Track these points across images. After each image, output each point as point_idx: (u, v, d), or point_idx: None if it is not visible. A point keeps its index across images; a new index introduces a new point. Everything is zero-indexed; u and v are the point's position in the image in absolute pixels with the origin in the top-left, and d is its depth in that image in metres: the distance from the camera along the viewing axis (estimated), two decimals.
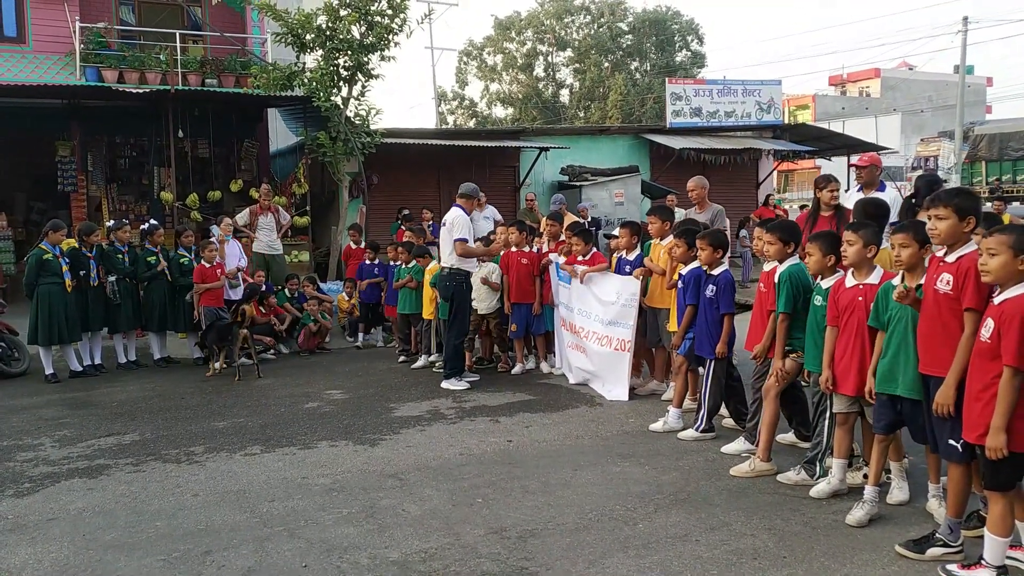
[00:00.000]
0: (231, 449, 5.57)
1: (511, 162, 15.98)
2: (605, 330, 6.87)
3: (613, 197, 15.11)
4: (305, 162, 13.07)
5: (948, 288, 3.49)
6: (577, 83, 42.37)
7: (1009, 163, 26.04)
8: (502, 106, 43.93)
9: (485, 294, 7.97)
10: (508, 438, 5.66)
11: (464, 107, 44.38)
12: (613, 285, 6.85)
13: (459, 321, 7.36)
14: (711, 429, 5.51)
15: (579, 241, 7.27)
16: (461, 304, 7.35)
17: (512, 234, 7.98)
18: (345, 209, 12.92)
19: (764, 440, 4.74)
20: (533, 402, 6.75)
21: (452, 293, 7.35)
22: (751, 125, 18.28)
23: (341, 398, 7.15)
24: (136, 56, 13.16)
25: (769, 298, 4.82)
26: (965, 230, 3.48)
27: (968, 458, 3.43)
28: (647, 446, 5.39)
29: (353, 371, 8.44)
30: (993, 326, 3.21)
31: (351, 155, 12.47)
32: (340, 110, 12.32)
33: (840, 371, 4.18)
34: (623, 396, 6.65)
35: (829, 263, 4.41)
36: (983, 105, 46.49)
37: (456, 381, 7.25)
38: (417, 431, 5.91)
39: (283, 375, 8.34)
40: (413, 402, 6.84)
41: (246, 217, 10.85)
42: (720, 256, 5.50)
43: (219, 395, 7.41)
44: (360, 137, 12.48)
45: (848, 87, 52.29)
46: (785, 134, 18.70)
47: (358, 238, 11.16)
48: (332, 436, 5.83)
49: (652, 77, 39.49)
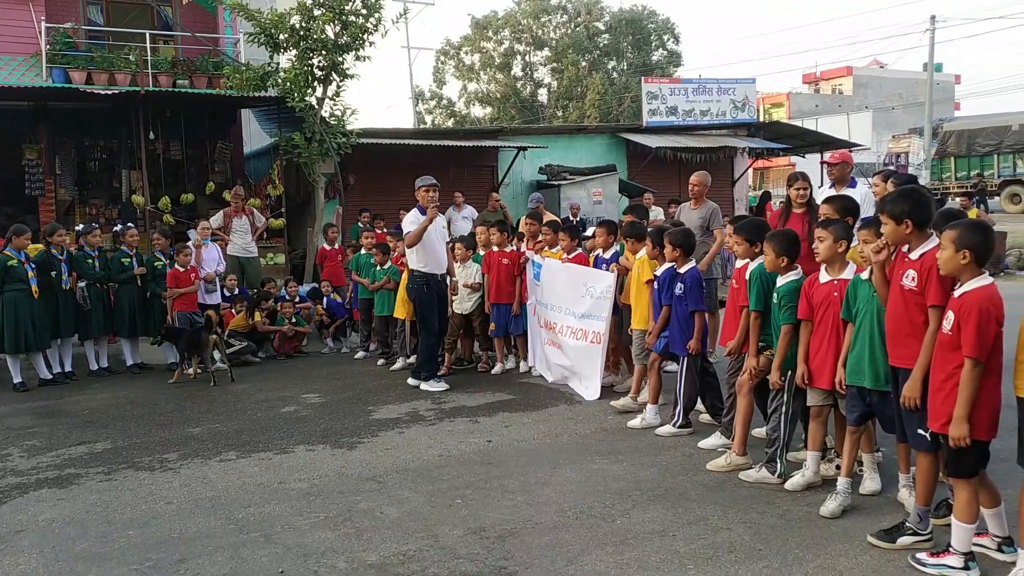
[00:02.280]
0: (206, 455, 5.54)
1: (489, 162, 15.99)
2: (579, 323, 6.91)
3: (591, 196, 15.18)
4: (280, 163, 12.99)
5: (913, 284, 3.58)
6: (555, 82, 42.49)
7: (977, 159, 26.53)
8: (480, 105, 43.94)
9: (465, 294, 7.99)
10: (487, 438, 5.68)
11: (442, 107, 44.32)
12: (588, 278, 6.90)
13: (424, 326, 7.32)
14: (688, 425, 5.57)
15: (566, 237, 7.30)
16: (422, 308, 7.31)
17: (493, 234, 7.99)
18: (321, 211, 12.85)
19: (739, 434, 4.80)
20: (512, 402, 6.77)
21: (414, 297, 7.38)
22: (726, 123, 18.44)
23: (318, 402, 7.13)
24: (105, 57, 12.99)
25: (741, 294, 4.89)
26: (906, 232, 3.59)
27: (935, 447, 3.51)
28: (626, 443, 5.44)
29: (330, 374, 8.41)
30: (953, 318, 3.30)
31: (326, 156, 12.42)
32: (315, 110, 12.26)
33: (816, 365, 4.25)
34: (595, 393, 6.68)
35: (782, 264, 4.49)
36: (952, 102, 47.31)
37: (434, 383, 7.24)
38: (396, 433, 5.91)
39: (259, 379, 8.29)
40: (392, 404, 6.84)
41: (220, 220, 10.78)
42: (680, 254, 5.56)
43: (193, 401, 7.36)
44: (336, 137, 12.43)
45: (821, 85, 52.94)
46: (760, 132, 18.88)
47: (334, 238, 11.10)
48: (309, 440, 5.82)
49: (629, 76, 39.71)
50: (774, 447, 4.54)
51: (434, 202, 7.29)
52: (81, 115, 13.28)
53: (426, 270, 7.27)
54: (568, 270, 7.10)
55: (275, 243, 12.94)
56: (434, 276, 7.31)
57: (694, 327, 5.49)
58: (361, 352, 9.28)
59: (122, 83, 12.64)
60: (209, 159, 14.66)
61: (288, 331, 9.57)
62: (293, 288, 10.24)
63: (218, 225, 10.69)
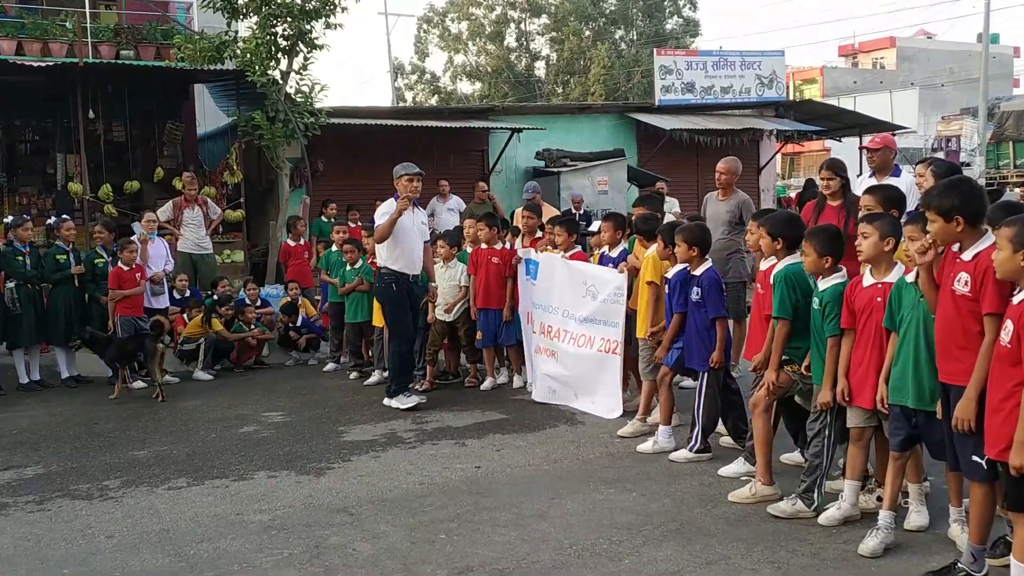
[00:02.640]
0: (153, 482, 5.51)
1: (479, 145, 15.98)
2: (581, 328, 6.90)
3: (596, 185, 15.18)
4: (238, 146, 12.95)
5: (966, 289, 3.57)
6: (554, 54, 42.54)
7: None
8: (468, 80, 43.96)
9: (451, 297, 7.96)
10: (476, 464, 5.67)
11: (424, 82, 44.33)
12: (591, 277, 6.89)
13: (395, 329, 7.28)
14: (707, 449, 5.56)
15: (562, 231, 7.29)
16: (393, 310, 7.26)
17: (481, 230, 7.97)
18: (286, 201, 12.82)
19: (761, 461, 4.80)
20: (505, 421, 6.76)
21: (382, 295, 7.35)
22: (751, 102, 18.48)
23: (282, 421, 7.10)
24: (38, 24, 12.93)
25: (767, 300, 4.89)
26: (957, 230, 3.59)
27: (992, 477, 3.50)
28: (635, 470, 5.43)
29: (296, 389, 8.39)
30: (1012, 329, 3.29)
31: (292, 138, 12.39)
32: (279, 86, 12.23)
33: (856, 381, 4.24)
34: (615, 411, 6.65)
35: (825, 264, 4.47)
36: (1010, 79, 47.51)
37: (403, 397, 7.17)
38: (370, 458, 5.89)
39: (213, 395, 8.26)
40: (366, 424, 6.81)
41: (169, 211, 10.72)
42: (696, 254, 5.55)
43: (138, 419, 7.32)
44: (302, 117, 12.39)
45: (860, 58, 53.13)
46: (789, 112, 18.93)
47: (300, 233, 11.06)
48: (271, 465, 5.79)
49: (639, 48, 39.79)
50: (814, 475, 4.51)
51: (416, 193, 7.24)
52: (10, 90, 13.21)
53: (395, 268, 7.18)
54: (569, 267, 7.10)
55: (232, 238, 12.90)
56: (404, 276, 7.22)
57: (716, 337, 5.48)
58: (331, 364, 9.26)
59: (57, 54, 12.58)
60: (157, 141, 14.62)
61: (252, 339, 9.53)
62: (253, 291, 10.21)
63: (167, 218, 10.64)
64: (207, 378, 9.02)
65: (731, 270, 7.32)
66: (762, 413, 4.77)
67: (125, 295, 8.62)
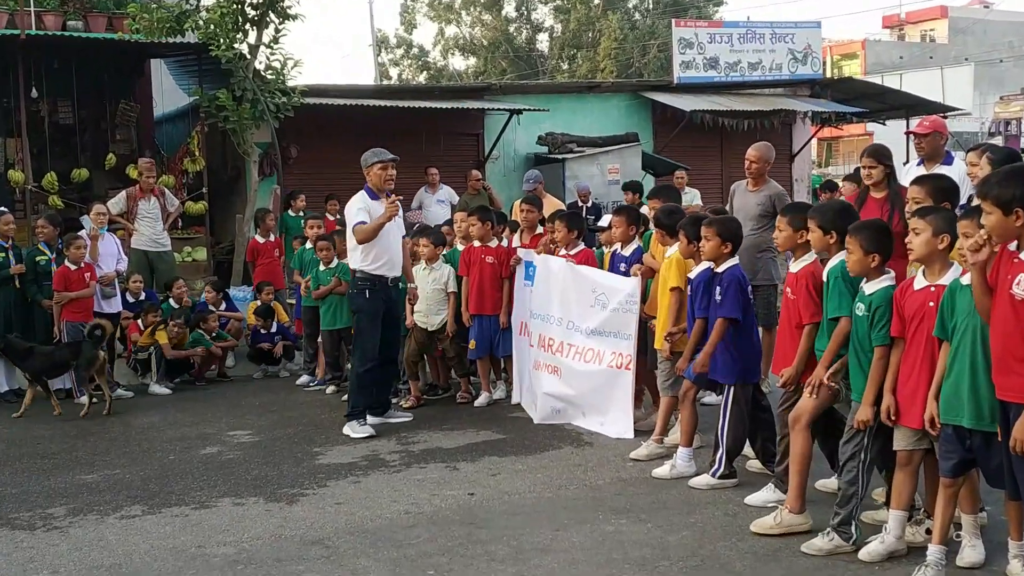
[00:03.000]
0: (103, 510, 5.51)
1: (473, 129, 15.98)
2: (588, 341, 6.92)
3: (606, 174, 15.19)
4: (200, 130, 12.95)
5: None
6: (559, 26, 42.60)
7: None
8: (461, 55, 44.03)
9: (435, 304, 7.95)
10: (469, 490, 5.67)
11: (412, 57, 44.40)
12: (600, 283, 6.91)
13: (360, 341, 7.22)
14: (732, 474, 5.56)
15: (561, 226, 7.29)
16: (364, 322, 7.19)
17: (473, 224, 7.98)
18: (254, 192, 12.82)
19: (795, 485, 4.79)
20: (502, 442, 6.76)
21: (353, 302, 7.31)
22: (783, 80, 18.49)
23: (249, 441, 7.11)
24: None
25: (797, 305, 4.88)
26: (1016, 225, 3.59)
27: None
28: (650, 497, 5.43)
29: (265, 405, 8.39)
30: None
31: (261, 120, 12.40)
32: (246, 61, 12.24)
33: (904, 397, 4.24)
34: (626, 432, 6.67)
35: (872, 263, 4.47)
36: None
37: (357, 425, 7.07)
38: (349, 483, 5.89)
39: (172, 411, 8.27)
40: (344, 445, 6.82)
41: (122, 203, 10.71)
42: (729, 251, 5.56)
43: (87, 439, 7.32)
44: (273, 96, 12.40)
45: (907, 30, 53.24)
46: (827, 91, 18.94)
47: (270, 228, 11.05)
48: (237, 491, 5.80)
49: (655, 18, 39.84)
50: (850, 505, 4.51)
51: (390, 182, 7.19)
52: None
53: (372, 270, 7.12)
54: (573, 272, 7.10)
55: (194, 233, 12.90)
56: (383, 280, 7.18)
57: (745, 344, 5.46)
58: (306, 376, 9.27)
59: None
60: (109, 124, 14.60)
61: (215, 351, 9.53)
62: (211, 294, 10.18)
63: (120, 210, 10.64)
64: (164, 392, 9.02)
65: (761, 271, 7.31)
66: (804, 429, 4.76)
67: (72, 298, 8.63)
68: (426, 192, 13.28)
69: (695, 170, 15.86)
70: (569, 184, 14.46)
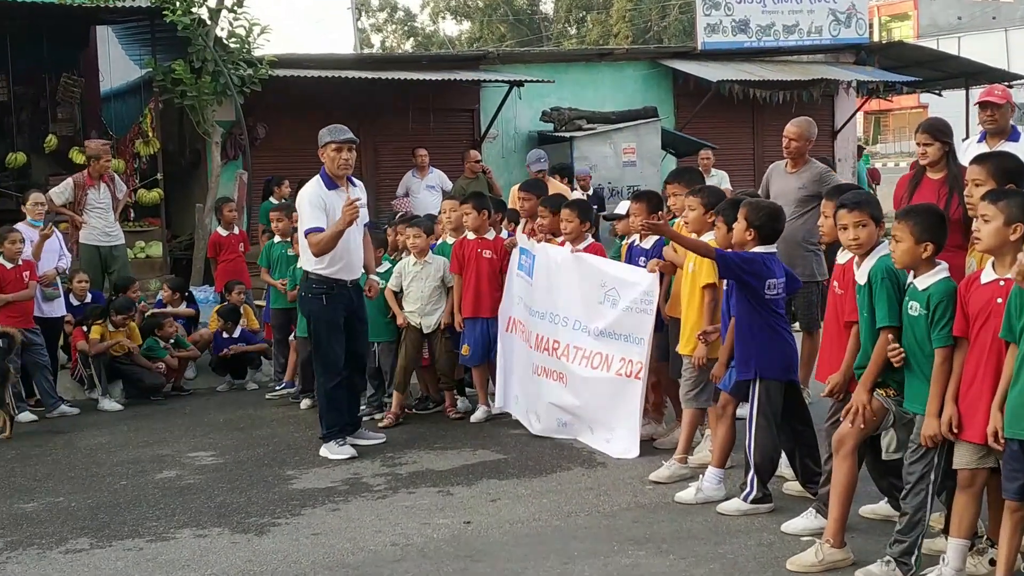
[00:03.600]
0: (45, 544, 5.51)
1: (468, 104, 16.01)
2: (596, 344, 6.93)
3: (620, 154, 15.21)
4: (154, 107, 12.97)
5: None
6: None
7: None
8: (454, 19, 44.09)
9: (428, 303, 7.96)
10: (465, 518, 5.68)
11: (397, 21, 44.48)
12: (609, 276, 6.91)
13: (320, 354, 7.18)
14: (766, 497, 5.56)
15: (573, 216, 7.28)
16: (321, 331, 7.15)
17: (467, 214, 7.97)
18: (216, 178, 12.85)
19: (836, 516, 4.78)
20: (502, 463, 6.77)
21: (308, 310, 7.27)
22: (823, 45, 18.48)
23: (212, 463, 7.11)
24: None
25: (847, 302, 4.88)
26: None
27: None
28: (672, 526, 5.43)
29: (230, 422, 8.40)
30: None
31: (224, 95, 12.41)
32: (206, 28, 12.26)
33: (967, 408, 4.24)
34: (629, 451, 6.70)
35: (924, 254, 4.46)
36: None
37: (335, 445, 7.06)
38: (328, 511, 5.90)
39: (123, 430, 8.27)
40: (322, 467, 6.83)
41: (68, 192, 10.67)
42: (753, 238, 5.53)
43: (25, 463, 7.32)
44: (237, 68, 12.42)
45: None
46: (874, 58, 18.93)
47: (232, 219, 11.03)
48: (199, 520, 5.80)
49: None
50: (914, 533, 4.49)
51: (346, 169, 7.11)
52: None
53: (329, 273, 7.04)
54: (580, 262, 7.11)
55: (148, 226, 12.92)
56: (341, 284, 7.11)
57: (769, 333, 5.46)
58: (282, 388, 9.23)
59: None
60: (49, 101, 14.61)
61: (171, 362, 9.53)
62: (168, 294, 10.17)
63: (65, 200, 10.61)
64: (115, 408, 9.04)
65: (801, 266, 7.27)
66: (850, 455, 4.75)
67: (7, 300, 8.64)
68: (414, 176, 13.29)
69: (722, 149, 15.86)
70: (578, 165, 14.47)
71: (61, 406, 8.80)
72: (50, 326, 9.14)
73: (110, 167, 11.00)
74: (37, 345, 8.73)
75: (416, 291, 7.93)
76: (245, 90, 12.52)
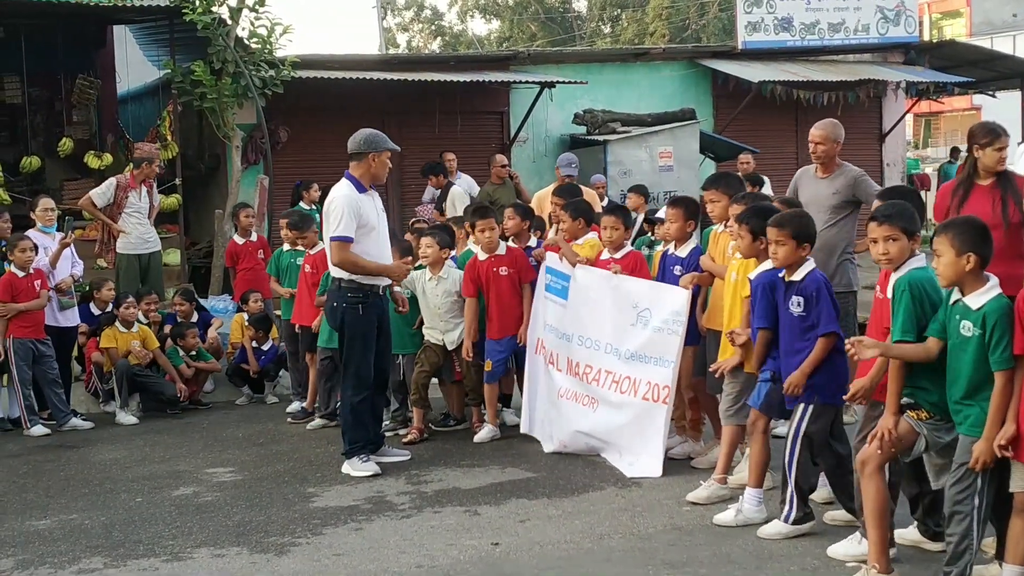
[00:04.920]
0: (58, 562, 5.54)
1: (497, 106, 16.03)
2: (626, 368, 6.93)
3: (656, 159, 15.17)
4: (173, 110, 13.07)
5: None
6: None
7: None
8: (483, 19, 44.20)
9: (450, 317, 7.92)
10: (493, 539, 5.67)
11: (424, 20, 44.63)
12: (642, 295, 6.90)
13: (352, 366, 7.16)
14: (807, 517, 5.51)
15: (617, 223, 7.25)
16: (355, 343, 7.12)
17: (483, 231, 7.81)
18: (237, 183, 12.93)
19: (875, 539, 4.76)
20: (532, 482, 6.76)
21: (340, 320, 7.18)
22: (870, 44, 18.38)
23: (231, 480, 7.14)
24: None
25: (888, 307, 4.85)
26: None
27: None
28: (710, 549, 5.41)
29: (249, 437, 8.43)
30: None
31: (245, 98, 12.49)
32: (227, 27, 12.34)
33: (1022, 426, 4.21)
34: (653, 470, 6.69)
35: (968, 266, 4.41)
36: None
37: (359, 462, 7.07)
38: (350, 530, 5.90)
39: (139, 445, 8.32)
40: (343, 485, 6.84)
41: (111, 193, 10.65)
42: (806, 253, 5.52)
43: (39, 478, 7.37)
44: (259, 70, 12.50)
45: None
46: (924, 57, 18.82)
47: (249, 226, 11.05)
48: (217, 540, 5.82)
49: None
50: (961, 563, 4.45)
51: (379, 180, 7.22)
52: None
53: (365, 280, 7.08)
54: (610, 282, 7.11)
55: (166, 233, 13.01)
56: (375, 290, 7.14)
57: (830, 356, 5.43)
58: (296, 403, 9.27)
59: None
60: (64, 103, 14.77)
61: (186, 371, 9.59)
62: (182, 306, 10.18)
63: (107, 201, 10.63)
64: (131, 421, 9.09)
65: (837, 275, 7.21)
66: (874, 473, 4.74)
67: (19, 310, 8.71)
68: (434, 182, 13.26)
69: (764, 153, 15.79)
70: (612, 170, 14.43)
71: (73, 419, 8.86)
72: (64, 336, 9.23)
73: (157, 169, 11.07)
74: (47, 357, 8.80)
75: (433, 307, 7.90)
76: (267, 92, 12.60)
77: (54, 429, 8.73)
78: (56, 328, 9.07)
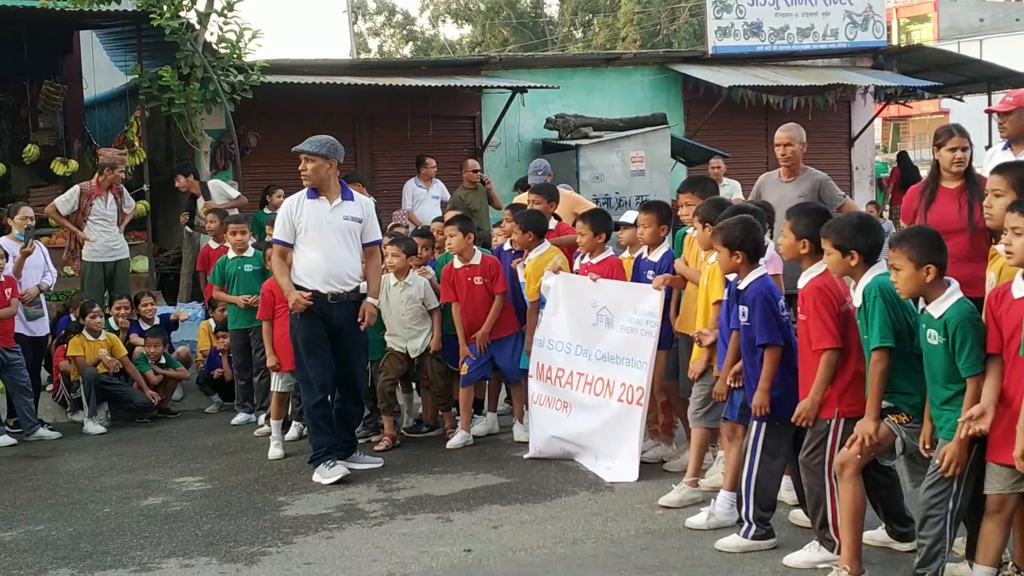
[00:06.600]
0: (23, 574, 5.51)
1: (469, 111, 16.03)
2: (597, 369, 6.95)
3: (627, 163, 15.22)
4: (140, 115, 13.00)
5: None
6: None
7: None
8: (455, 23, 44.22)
9: (413, 325, 7.87)
10: (466, 546, 5.66)
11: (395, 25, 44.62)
12: (609, 296, 6.91)
13: (301, 371, 7.23)
14: (766, 533, 5.43)
15: (587, 230, 7.25)
16: (296, 344, 7.20)
17: (452, 236, 7.78)
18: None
19: (849, 542, 4.76)
20: (504, 488, 6.76)
21: (291, 325, 7.25)
22: (839, 49, 18.51)
23: (200, 489, 7.11)
24: None
25: (813, 329, 4.88)
26: None
27: None
28: (683, 553, 5.41)
29: (219, 445, 8.39)
30: None
31: (213, 103, 12.44)
32: (195, 32, 12.29)
33: (1002, 429, 4.21)
34: (628, 474, 6.70)
35: (928, 277, 4.40)
36: None
37: (325, 468, 7.02)
38: (321, 539, 5.89)
39: (106, 454, 8.27)
40: (314, 493, 6.82)
41: (75, 200, 10.63)
42: (744, 259, 5.44)
43: (4, 488, 7.33)
44: (227, 74, 12.45)
45: None
46: (892, 62, 18.97)
47: (219, 231, 10.98)
48: (186, 550, 5.79)
49: None
50: (933, 566, 4.46)
51: (316, 184, 7.18)
52: None
53: (306, 284, 7.08)
54: (577, 285, 7.11)
55: (134, 240, 12.92)
56: (319, 297, 7.06)
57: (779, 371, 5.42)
58: (242, 414, 9.09)
59: None
60: (30, 109, 14.67)
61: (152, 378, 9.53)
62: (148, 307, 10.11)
63: (71, 209, 10.59)
64: (99, 431, 9.02)
65: None
66: (852, 477, 4.74)
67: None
68: (418, 185, 13.20)
69: (735, 158, 15.87)
70: (584, 175, 14.46)
71: (40, 429, 8.78)
72: (34, 345, 9.16)
73: (123, 175, 11.01)
74: (17, 364, 8.72)
75: (396, 314, 7.85)
76: (236, 97, 12.54)
77: (20, 439, 8.65)
78: (26, 337, 8.99)
